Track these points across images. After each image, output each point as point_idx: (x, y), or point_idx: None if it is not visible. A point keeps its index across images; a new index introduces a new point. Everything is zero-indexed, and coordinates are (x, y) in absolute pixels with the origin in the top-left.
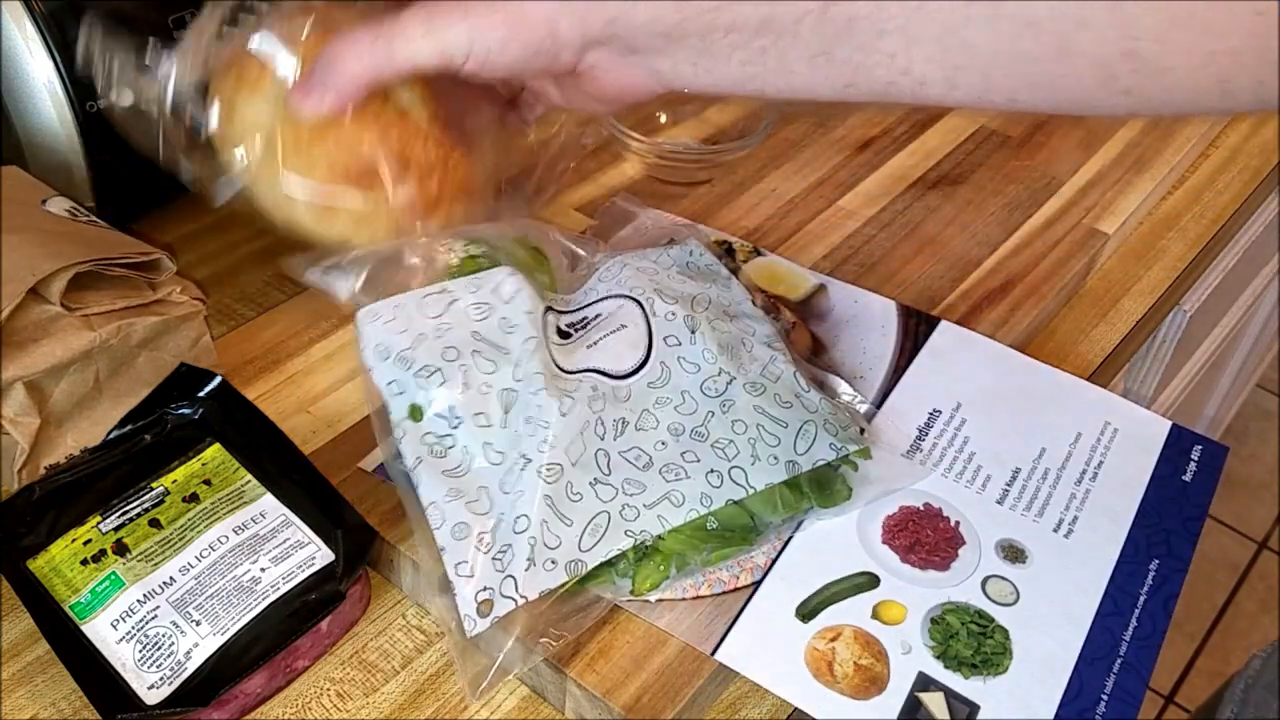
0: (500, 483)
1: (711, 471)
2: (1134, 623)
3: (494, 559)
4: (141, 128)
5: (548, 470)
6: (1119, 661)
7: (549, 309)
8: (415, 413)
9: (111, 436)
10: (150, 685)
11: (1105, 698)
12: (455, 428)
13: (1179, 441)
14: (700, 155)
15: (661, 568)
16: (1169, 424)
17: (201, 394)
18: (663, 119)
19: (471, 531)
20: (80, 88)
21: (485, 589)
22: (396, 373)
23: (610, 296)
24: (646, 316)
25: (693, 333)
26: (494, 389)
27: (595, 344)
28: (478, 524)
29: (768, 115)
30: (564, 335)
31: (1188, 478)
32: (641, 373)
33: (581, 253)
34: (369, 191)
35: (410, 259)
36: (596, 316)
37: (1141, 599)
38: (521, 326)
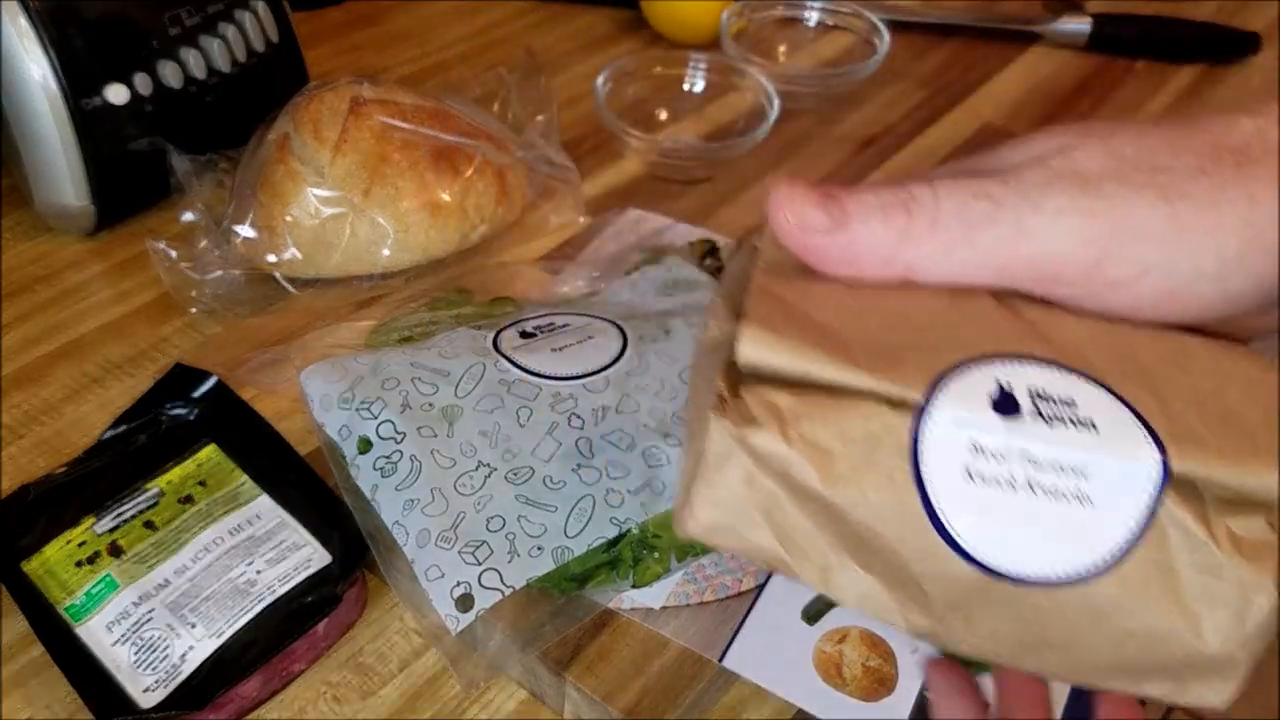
0: (455, 483)
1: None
2: None
3: (461, 554)
4: None
5: (514, 474)
6: None
7: (504, 329)
8: (364, 445)
9: (106, 437)
10: (146, 688)
11: None
12: (400, 442)
13: None
14: (701, 152)
15: (661, 560)
16: None
17: (197, 394)
18: (663, 116)
19: (432, 535)
20: (74, 85)
21: (459, 584)
22: (343, 417)
23: (581, 314)
24: (621, 328)
25: (667, 333)
26: (436, 406)
27: (561, 349)
28: (436, 525)
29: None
30: (527, 336)
31: None
32: (619, 363)
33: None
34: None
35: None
36: (565, 325)
37: None
38: (462, 356)
